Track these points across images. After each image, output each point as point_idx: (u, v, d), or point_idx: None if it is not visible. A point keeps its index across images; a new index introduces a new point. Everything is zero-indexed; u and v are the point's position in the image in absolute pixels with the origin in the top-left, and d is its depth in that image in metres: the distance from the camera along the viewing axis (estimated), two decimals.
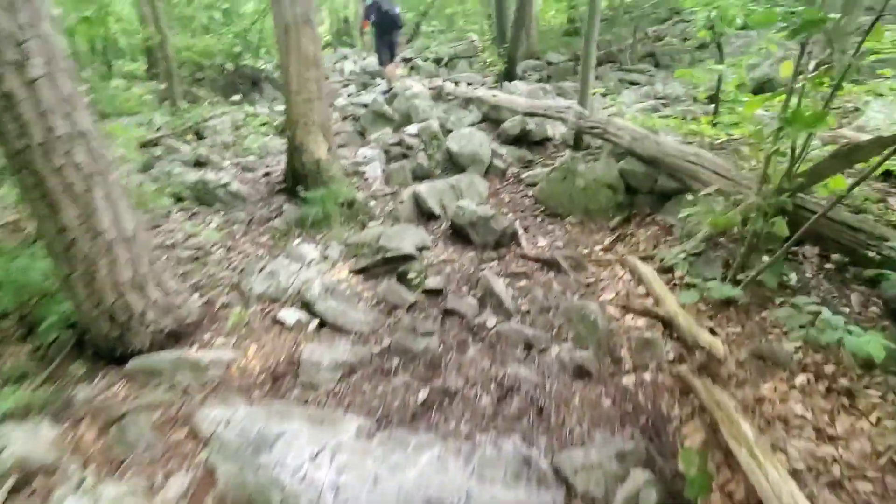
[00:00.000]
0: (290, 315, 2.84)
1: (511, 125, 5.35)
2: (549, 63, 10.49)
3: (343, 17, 20.47)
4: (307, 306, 2.85)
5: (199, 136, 7.34)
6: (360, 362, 2.46)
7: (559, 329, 2.65)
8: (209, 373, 2.40)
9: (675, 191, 3.60)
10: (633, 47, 10.12)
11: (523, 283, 3.09)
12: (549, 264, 3.25)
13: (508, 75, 8.87)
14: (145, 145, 6.73)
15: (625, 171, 3.89)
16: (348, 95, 9.69)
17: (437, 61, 13.00)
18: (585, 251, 3.45)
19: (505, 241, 3.58)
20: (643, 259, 3.12)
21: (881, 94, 3.83)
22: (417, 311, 2.84)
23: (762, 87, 6.05)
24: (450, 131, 6.15)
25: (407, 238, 3.54)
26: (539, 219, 4.01)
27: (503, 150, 5.23)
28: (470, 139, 4.92)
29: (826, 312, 2.02)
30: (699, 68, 5.92)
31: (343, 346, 2.60)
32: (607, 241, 3.52)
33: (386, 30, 7.50)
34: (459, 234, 3.64)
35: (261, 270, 3.23)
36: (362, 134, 6.87)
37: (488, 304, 2.86)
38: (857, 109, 4.33)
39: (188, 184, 4.74)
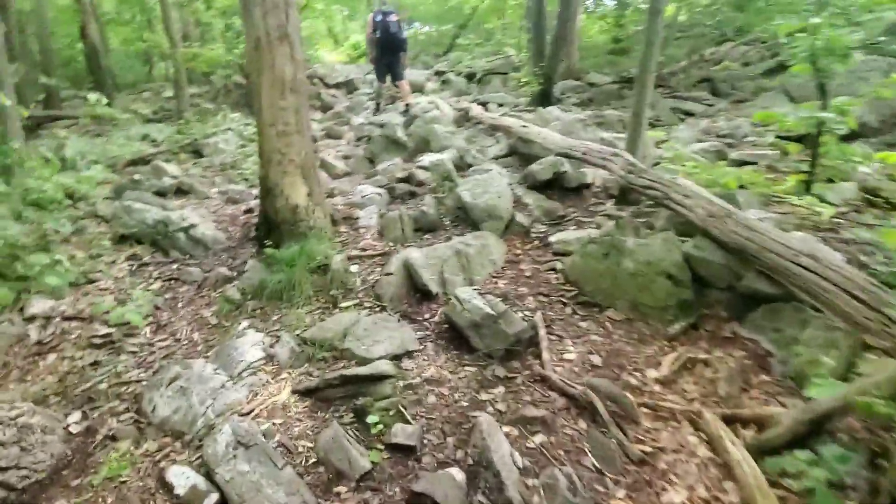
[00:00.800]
0: (183, 478, 1.84)
1: (541, 168, 4.24)
2: (591, 84, 9.27)
3: None
4: (207, 468, 1.84)
5: (199, 154, 6.53)
6: None
7: None
8: None
9: (771, 297, 2.43)
10: (687, 71, 8.80)
11: (539, 439, 1.99)
12: (581, 405, 2.14)
13: (544, 98, 7.74)
14: (135, 163, 5.97)
15: (693, 258, 2.74)
16: (367, 111, 8.77)
17: (470, 77, 11.97)
18: (634, 380, 2.32)
19: (519, 350, 2.48)
20: (730, 421, 1.97)
21: None
22: (370, 493, 1.79)
23: (856, 133, 4.73)
24: (470, 165, 5.10)
25: (383, 338, 2.49)
26: (569, 308, 2.89)
27: (529, 198, 4.12)
28: (487, 186, 3.83)
29: None
30: (781, 107, 4.68)
31: None
32: (667, 364, 2.37)
33: (389, 50, 7.10)
34: (458, 336, 2.57)
35: (171, 382, 2.25)
36: (372, 161, 5.89)
37: (482, 485, 1.78)
38: None
39: (148, 223, 3.85)
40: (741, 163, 4.67)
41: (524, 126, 5.16)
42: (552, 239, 3.52)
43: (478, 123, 6.89)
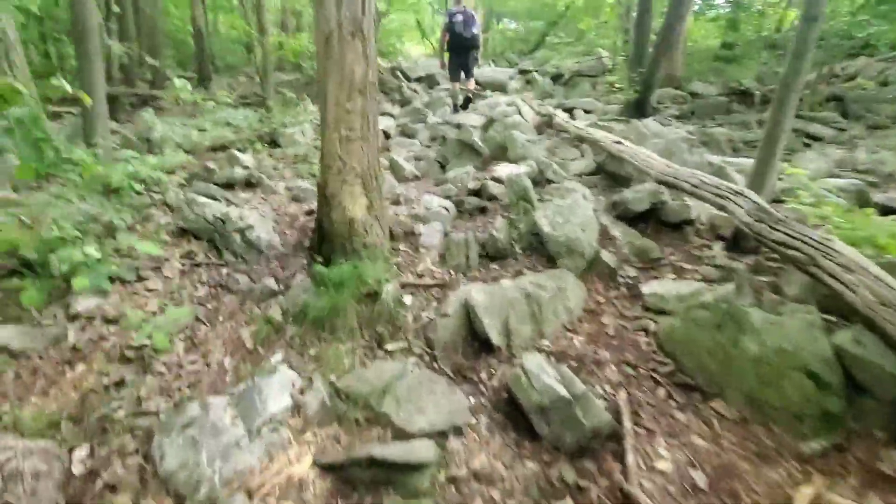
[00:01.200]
0: None
1: (636, 197, 3.55)
2: (693, 95, 8.19)
3: None
4: None
5: (275, 143, 6.41)
6: None
7: None
8: None
9: None
10: (812, 87, 7.47)
11: None
12: None
13: (639, 108, 6.87)
14: (215, 149, 5.94)
15: (848, 356, 2.00)
16: (445, 109, 8.31)
17: (556, 78, 11.16)
18: None
19: (595, 447, 1.92)
20: None
21: None
22: None
23: None
24: (550, 182, 4.50)
25: (428, 405, 2.03)
26: (663, 389, 2.26)
27: (617, 230, 3.46)
28: (570, 214, 3.23)
29: None
30: None
31: None
32: None
33: (459, 52, 6.97)
34: (518, 412, 2.05)
35: (185, 428, 1.93)
36: (443, 166, 5.44)
37: None
38: None
39: (208, 219, 3.65)
40: (887, 209, 3.71)
41: (617, 142, 4.45)
42: (644, 289, 2.86)
43: (561, 132, 6.22)
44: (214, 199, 4.10)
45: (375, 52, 2.87)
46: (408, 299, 2.80)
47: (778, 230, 2.46)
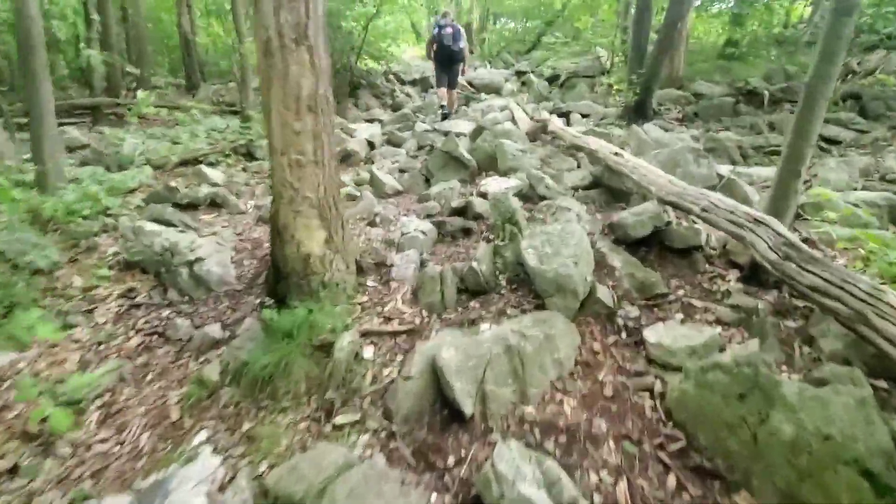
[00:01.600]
0: None
1: (636, 220, 3.07)
2: (697, 96, 7.68)
3: (465, 24, 18.63)
4: None
5: (251, 155, 5.97)
6: None
7: None
8: None
9: None
10: None
11: None
12: None
13: (640, 111, 6.38)
14: (186, 163, 5.50)
15: None
16: (435, 115, 7.86)
17: (552, 79, 10.66)
18: None
19: None
20: None
21: None
22: None
23: None
24: (542, 198, 4.03)
25: None
26: (673, 476, 1.80)
27: (616, 258, 2.98)
28: (561, 245, 2.75)
29: None
30: None
31: None
32: None
33: (444, 63, 7.06)
34: None
35: None
36: (428, 180, 4.97)
37: None
38: None
39: (156, 250, 3.21)
40: None
41: (616, 154, 3.97)
42: (648, 335, 2.39)
43: (556, 139, 5.74)
44: (170, 224, 3.67)
45: (328, 61, 2.41)
46: (368, 351, 2.35)
47: (810, 272, 1.98)
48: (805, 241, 2.78)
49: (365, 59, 10.54)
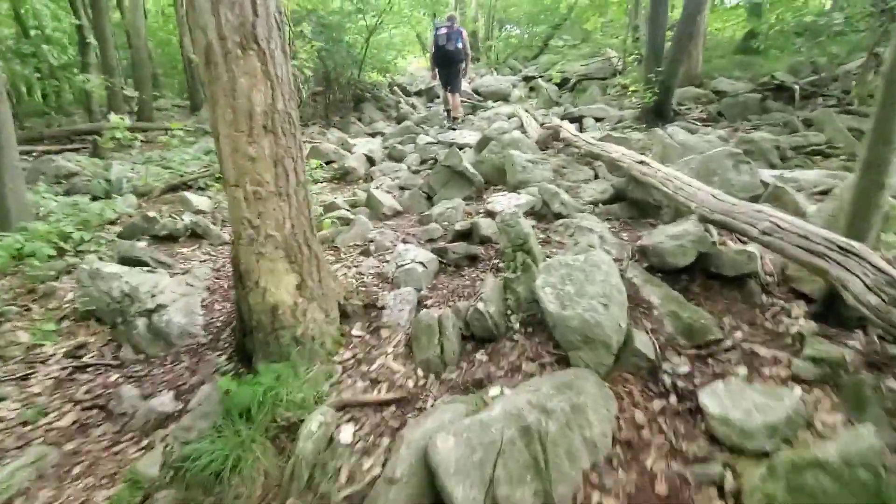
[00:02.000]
0: None
1: (675, 246, 2.49)
2: (718, 93, 7.04)
3: (470, 31, 18.19)
4: None
5: None
6: None
7: None
8: None
9: None
10: (861, 77, 6.24)
11: None
12: None
13: (659, 113, 5.78)
14: (174, 189, 5.09)
15: None
16: (439, 126, 7.37)
17: (562, 83, 10.11)
18: None
19: None
20: None
21: None
22: None
23: None
24: (558, 216, 3.48)
25: None
26: None
27: (652, 293, 2.40)
28: (584, 282, 2.19)
29: None
30: None
31: None
32: None
33: (442, 65, 6.85)
34: None
35: None
36: (430, 198, 4.46)
37: None
38: None
39: (113, 297, 2.75)
40: None
41: (641, 163, 3.40)
42: (707, 402, 1.80)
43: (569, 146, 5.18)
44: (138, 262, 3.21)
45: (287, 68, 1.91)
46: (346, 433, 1.82)
47: None
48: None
49: (369, 72, 10.14)
